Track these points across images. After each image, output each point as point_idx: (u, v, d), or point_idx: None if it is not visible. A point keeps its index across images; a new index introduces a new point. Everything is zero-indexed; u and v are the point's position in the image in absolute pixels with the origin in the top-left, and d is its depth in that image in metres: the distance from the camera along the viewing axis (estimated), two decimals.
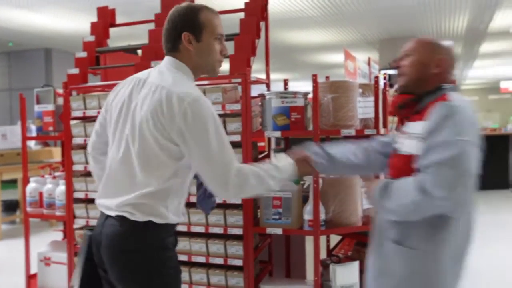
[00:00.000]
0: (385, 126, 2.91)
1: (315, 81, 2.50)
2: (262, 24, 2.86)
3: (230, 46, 2.67)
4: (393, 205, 1.63)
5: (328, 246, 3.20)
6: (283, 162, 1.82)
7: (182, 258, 2.76)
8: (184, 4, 1.78)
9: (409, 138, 1.68)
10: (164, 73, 1.72)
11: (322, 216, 2.51)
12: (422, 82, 1.73)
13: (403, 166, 1.67)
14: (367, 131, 2.66)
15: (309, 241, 3.15)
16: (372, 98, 2.72)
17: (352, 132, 2.56)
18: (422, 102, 1.71)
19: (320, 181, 2.51)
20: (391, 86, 3.77)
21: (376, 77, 2.79)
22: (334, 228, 2.60)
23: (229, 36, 2.75)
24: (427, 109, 1.64)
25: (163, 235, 1.70)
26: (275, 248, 3.03)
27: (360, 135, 2.63)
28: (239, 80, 2.65)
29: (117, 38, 4.23)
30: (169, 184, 1.66)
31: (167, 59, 1.77)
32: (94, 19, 3.22)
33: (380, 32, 10.28)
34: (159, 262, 1.68)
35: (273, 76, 3.18)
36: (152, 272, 1.67)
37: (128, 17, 3.40)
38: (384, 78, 3.02)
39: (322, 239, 2.68)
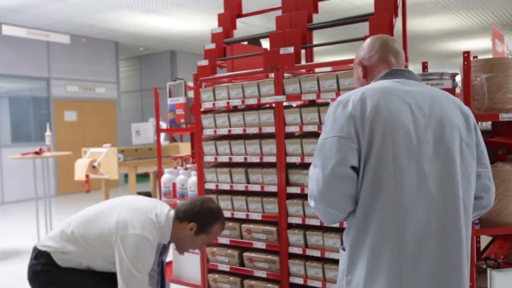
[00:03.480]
0: None
1: (466, 59, 2.19)
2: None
3: (364, 28, 2.49)
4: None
5: (478, 247, 2.83)
6: None
7: (296, 251, 2.68)
8: (215, 205, 2.40)
9: None
10: (155, 220, 2.26)
11: None
12: None
13: None
14: None
15: None
16: None
17: None
18: None
19: None
20: None
21: None
22: (490, 227, 2.26)
23: (364, 17, 2.57)
24: None
25: None
26: None
27: None
28: None
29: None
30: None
31: (170, 216, 2.31)
32: (215, 19, 3.23)
33: None
34: None
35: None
36: None
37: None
38: None
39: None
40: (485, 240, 3.11)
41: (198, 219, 2.32)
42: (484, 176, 1.55)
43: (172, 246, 2.55)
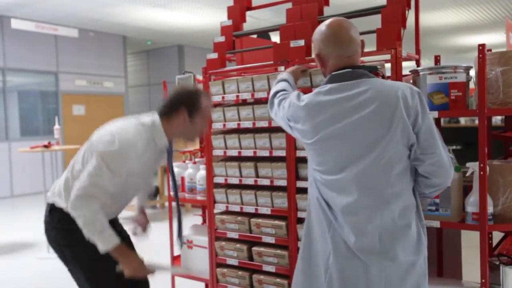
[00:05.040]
0: None
1: (481, 52, 2.14)
2: None
3: (377, 20, 2.45)
4: None
5: (490, 244, 2.79)
6: (111, 236, 2.04)
7: None
8: (191, 85, 2.31)
9: None
10: (137, 120, 2.18)
11: (490, 209, 2.16)
12: (325, 77, 1.88)
13: None
14: None
15: (464, 237, 2.79)
16: None
17: None
18: None
19: (487, 168, 2.16)
20: None
21: None
22: (503, 223, 2.22)
23: (376, 9, 2.53)
24: None
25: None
26: None
27: None
28: (386, 57, 2.40)
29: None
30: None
31: (154, 117, 2.21)
32: (222, 13, 3.21)
33: None
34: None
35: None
36: None
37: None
38: None
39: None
40: (496, 236, 3.07)
41: (183, 104, 2.18)
42: (427, 161, 1.73)
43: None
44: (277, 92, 2.13)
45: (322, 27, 1.82)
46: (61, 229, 2.17)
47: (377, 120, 1.69)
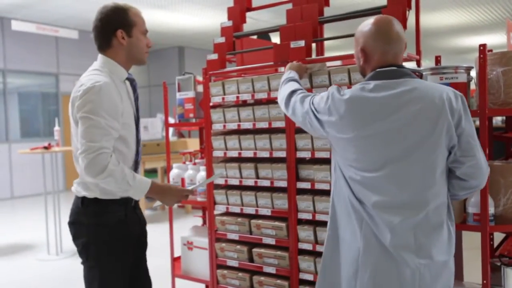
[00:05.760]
0: None
1: (482, 52, 2.14)
2: None
3: None
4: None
5: (491, 245, 2.78)
6: (140, 177, 2.01)
7: (306, 246, 2.63)
8: (111, 4, 2.09)
9: None
10: (88, 71, 2.09)
11: (491, 210, 2.15)
12: (362, 74, 1.89)
13: None
14: None
15: (465, 238, 2.78)
16: None
17: None
18: None
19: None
20: None
21: None
22: (505, 224, 2.21)
23: (376, 9, 2.52)
24: None
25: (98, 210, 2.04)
26: None
27: None
28: None
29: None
30: None
31: (98, 58, 2.14)
32: (222, 14, 3.20)
33: None
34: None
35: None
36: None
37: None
38: None
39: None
40: (497, 237, 3.06)
41: (115, 26, 2.06)
42: (467, 163, 1.73)
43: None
44: (294, 91, 2.07)
45: (369, 23, 1.79)
46: (94, 224, 2.05)
47: (421, 121, 1.68)
